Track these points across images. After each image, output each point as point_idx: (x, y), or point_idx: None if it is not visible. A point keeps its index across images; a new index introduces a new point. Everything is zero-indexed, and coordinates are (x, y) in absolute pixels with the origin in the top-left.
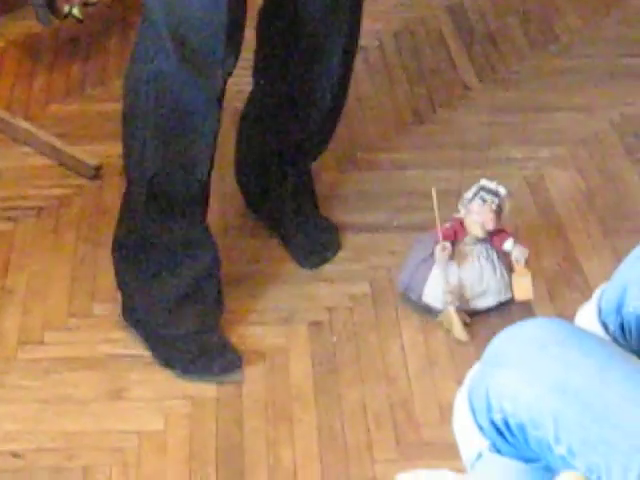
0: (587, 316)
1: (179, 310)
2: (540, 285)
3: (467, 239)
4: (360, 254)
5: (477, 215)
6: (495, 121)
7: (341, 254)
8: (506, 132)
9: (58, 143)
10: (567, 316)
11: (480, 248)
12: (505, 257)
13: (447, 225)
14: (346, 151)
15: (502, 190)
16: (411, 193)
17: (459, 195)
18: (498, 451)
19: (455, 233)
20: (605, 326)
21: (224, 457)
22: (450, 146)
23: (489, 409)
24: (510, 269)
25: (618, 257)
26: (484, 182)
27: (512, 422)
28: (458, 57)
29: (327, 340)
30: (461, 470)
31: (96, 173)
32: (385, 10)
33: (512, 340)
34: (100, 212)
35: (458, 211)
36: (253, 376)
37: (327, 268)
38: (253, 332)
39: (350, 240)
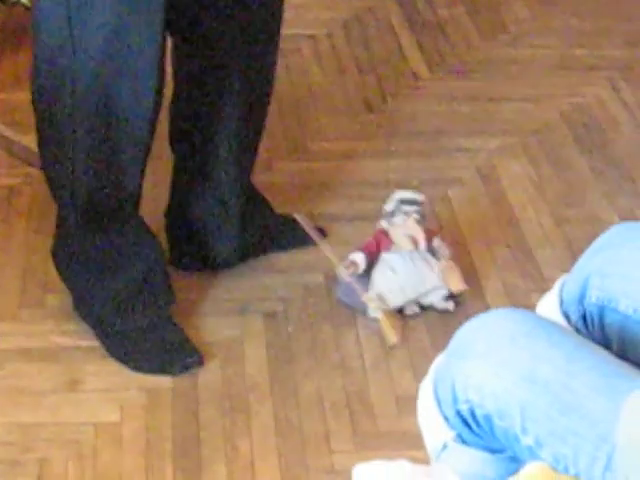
0: (548, 307)
1: (129, 304)
2: (493, 275)
3: (393, 246)
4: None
5: (404, 230)
6: (445, 111)
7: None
8: (456, 122)
9: (7, 132)
10: (521, 306)
11: (412, 251)
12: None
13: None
14: (297, 141)
15: (419, 197)
16: (363, 183)
17: (410, 185)
18: (464, 442)
19: (378, 244)
20: (567, 317)
21: (181, 449)
22: (401, 136)
23: (455, 400)
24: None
25: (570, 246)
26: (400, 194)
27: (478, 413)
28: (408, 47)
29: (282, 331)
30: (419, 460)
31: None
32: None
33: (478, 331)
34: (49, 201)
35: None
36: (209, 367)
37: (281, 258)
38: (207, 323)
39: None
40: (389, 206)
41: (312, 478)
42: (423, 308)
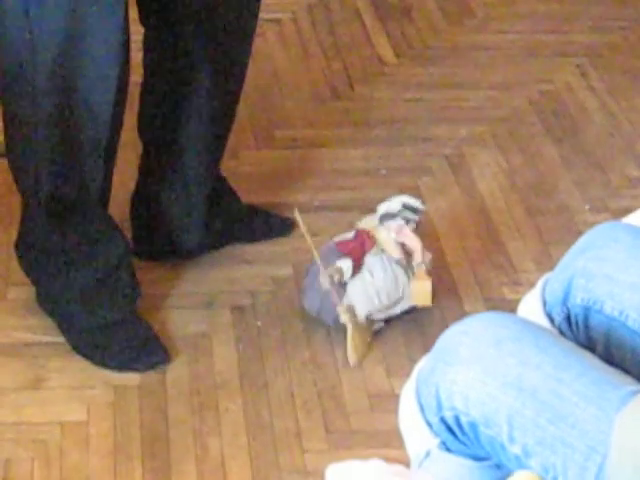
0: (531, 308)
1: (94, 299)
2: (465, 267)
3: (374, 249)
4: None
5: (398, 235)
6: (413, 98)
7: None
8: (424, 109)
9: None
10: (493, 298)
11: (390, 256)
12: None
13: (349, 237)
14: (263, 129)
15: (421, 206)
16: (330, 171)
17: (378, 174)
18: (448, 449)
19: (362, 245)
20: (550, 318)
21: (149, 448)
22: (368, 123)
23: (439, 407)
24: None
25: (542, 237)
26: (406, 199)
27: (464, 420)
28: (374, 32)
29: (251, 325)
30: (392, 458)
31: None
32: None
33: (463, 335)
34: (12, 192)
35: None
36: (176, 363)
37: (247, 250)
38: (174, 317)
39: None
40: (393, 207)
41: (284, 478)
42: (387, 321)
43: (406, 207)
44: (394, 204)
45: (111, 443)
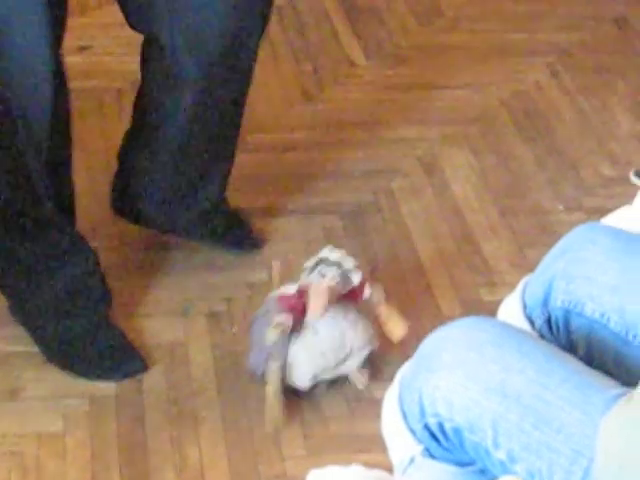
0: (511, 311)
1: (64, 309)
2: (440, 269)
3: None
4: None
5: (313, 296)
6: (384, 99)
7: None
8: (396, 110)
9: None
10: (468, 299)
11: (336, 309)
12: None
13: (291, 293)
14: None
15: (347, 263)
16: (303, 175)
17: (352, 176)
18: (431, 456)
19: (304, 304)
20: (531, 321)
21: (127, 458)
22: (340, 125)
23: (422, 413)
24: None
25: (516, 237)
26: (326, 252)
27: (447, 426)
28: (343, 33)
29: (227, 332)
30: (371, 464)
31: None
32: None
33: (445, 341)
34: None
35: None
36: (153, 372)
37: (222, 255)
38: (149, 325)
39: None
40: (309, 262)
41: None
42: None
43: (323, 261)
44: (310, 261)
45: (89, 453)
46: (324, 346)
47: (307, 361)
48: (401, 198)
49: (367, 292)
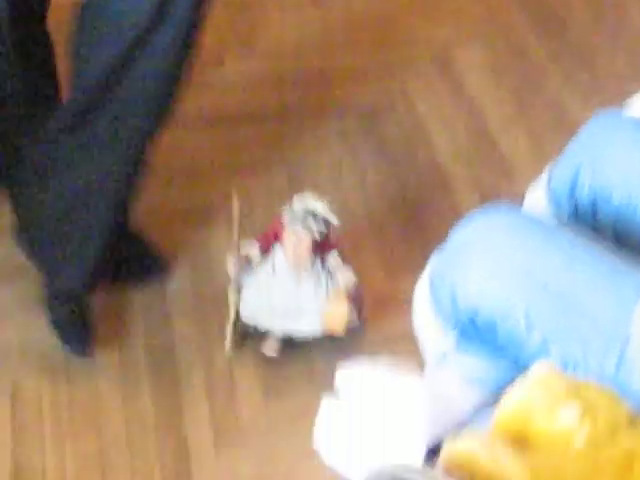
0: (537, 199)
1: None
2: (457, 165)
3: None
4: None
5: (293, 244)
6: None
7: None
8: (411, 7)
9: None
10: (487, 194)
11: (311, 264)
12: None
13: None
14: None
15: (332, 218)
16: (316, 77)
17: (366, 79)
18: (465, 349)
19: (276, 235)
20: (558, 208)
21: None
22: (351, 28)
23: (455, 307)
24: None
25: (533, 131)
26: (313, 203)
27: (480, 318)
28: None
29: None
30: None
31: None
32: None
33: (474, 229)
34: None
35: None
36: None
37: None
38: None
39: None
40: (297, 206)
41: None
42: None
43: (311, 214)
44: (298, 208)
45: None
46: (275, 290)
47: (252, 297)
48: (416, 98)
49: (332, 259)
